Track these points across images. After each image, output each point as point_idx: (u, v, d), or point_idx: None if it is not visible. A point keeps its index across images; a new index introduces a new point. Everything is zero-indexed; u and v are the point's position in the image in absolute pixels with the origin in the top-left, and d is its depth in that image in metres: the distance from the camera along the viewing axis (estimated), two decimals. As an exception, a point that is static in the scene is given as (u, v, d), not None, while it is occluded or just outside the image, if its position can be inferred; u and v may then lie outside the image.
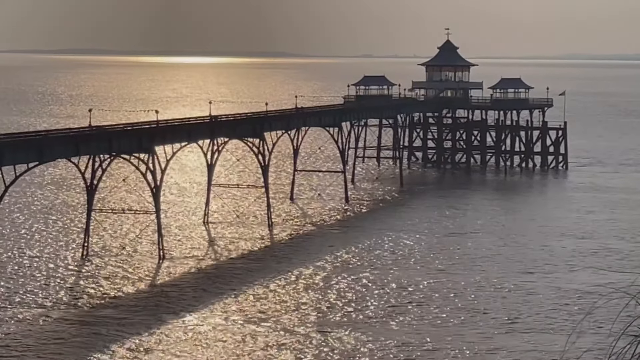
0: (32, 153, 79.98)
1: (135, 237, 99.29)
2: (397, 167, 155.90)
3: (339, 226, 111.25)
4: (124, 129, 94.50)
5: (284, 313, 72.88)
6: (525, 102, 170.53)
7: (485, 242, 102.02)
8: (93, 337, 65.87)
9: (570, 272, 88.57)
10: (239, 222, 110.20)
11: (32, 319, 69.95)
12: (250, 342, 65.61)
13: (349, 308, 74.51)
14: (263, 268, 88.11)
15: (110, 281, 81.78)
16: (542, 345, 65.76)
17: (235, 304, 75.31)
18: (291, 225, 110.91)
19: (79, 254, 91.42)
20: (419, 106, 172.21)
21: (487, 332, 69.02)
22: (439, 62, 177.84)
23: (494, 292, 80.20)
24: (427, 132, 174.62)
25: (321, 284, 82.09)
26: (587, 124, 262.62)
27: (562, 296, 79.10)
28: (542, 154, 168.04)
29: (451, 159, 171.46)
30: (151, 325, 68.85)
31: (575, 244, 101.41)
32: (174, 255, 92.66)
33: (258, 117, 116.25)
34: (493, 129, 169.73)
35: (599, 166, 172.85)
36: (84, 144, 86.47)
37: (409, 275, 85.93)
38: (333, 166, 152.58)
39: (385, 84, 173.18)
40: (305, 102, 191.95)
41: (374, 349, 64.68)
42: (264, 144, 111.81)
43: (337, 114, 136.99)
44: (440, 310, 74.24)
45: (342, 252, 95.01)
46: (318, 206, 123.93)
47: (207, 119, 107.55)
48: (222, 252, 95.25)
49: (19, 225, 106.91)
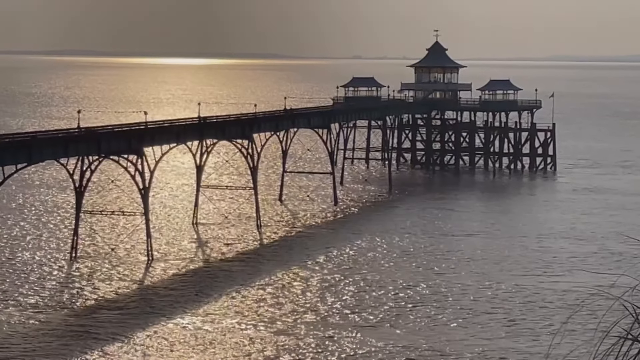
0: (20, 154, 80.00)
1: (124, 239, 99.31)
2: (386, 168, 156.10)
3: (328, 227, 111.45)
4: (112, 130, 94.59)
5: (273, 314, 73.02)
6: (514, 104, 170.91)
7: (475, 243, 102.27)
8: (81, 339, 65.91)
9: (558, 273, 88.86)
10: (228, 223, 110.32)
11: (20, 321, 69.95)
12: (239, 343, 65.73)
13: (341, 309, 74.63)
14: (252, 269, 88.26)
15: (99, 282, 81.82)
16: (529, 346, 66.03)
17: (225, 304, 75.43)
18: (280, 226, 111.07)
19: (68, 256, 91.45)
20: (407, 108, 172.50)
21: (477, 333, 69.26)
22: (427, 64, 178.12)
23: (486, 294, 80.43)
24: (416, 134, 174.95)
25: (310, 285, 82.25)
26: (576, 126, 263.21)
27: (550, 297, 79.39)
28: (530, 155, 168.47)
29: (440, 160, 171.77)
30: (140, 326, 68.92)
31: (565, 245, 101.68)
32: (163, 256, 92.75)
33: (247, 119, 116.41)
34: (482, 131, 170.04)
35: (588, 168, 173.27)
36: (72, 145, 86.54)
37: (400, 276, 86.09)
38: (322, 167, 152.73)
39: (374, 86, 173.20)
40: (295, 103, 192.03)
41: (367, 350, 64.84)
42: (253, 145, 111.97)
43: (326, 116, 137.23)
44: (433, 312, 74.43)
45: (332, 253, 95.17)
46: (307, 207, 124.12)
47: (196, 120, 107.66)
48: (211, 253, 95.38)
49: (8, 227, 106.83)
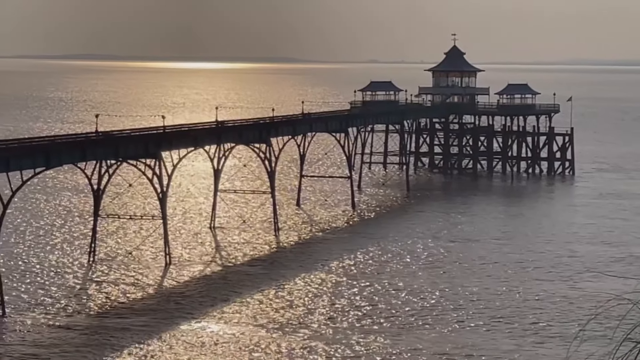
0: (39, 158, 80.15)
1: (142, 243, 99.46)
2: (403, 172, 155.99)
3: (346, 232, 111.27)
4: (130, 135, 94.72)
5: (290, 319, 72.93)
6: (532, 108, 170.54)
7: (498, 247, 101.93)
8: (100, 343, 65.96)
9: (585, 278, 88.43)
10: (245, 228, 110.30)
11: (38, 325, 70.07)
12: (257, 348, 65.65)
13: (358, 314, 74.48)
14: (269, 273, 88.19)
15: (117, 286, 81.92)
16: (557, 352, 65.74)
17: (242, 309, 75.37)
18: (298, 230, 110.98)
19: (86, 260, 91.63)
20: (425, 112, 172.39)
21: (503, 339, 69.03)
22: (445, 68, 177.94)
23: (513, 298, 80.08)
24: (434, 138, 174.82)
25: (328, 290, 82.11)
26: (595, 130, 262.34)
27: (571, 302, 79.02)
28: (548, 159, 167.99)
29: (458, 164, 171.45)
30: (157, 331, 68.94)
31: (591, 249, 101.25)
32: (180, 260, 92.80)
33: (264, 123, 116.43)
34: (500, 135, 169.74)
35: (607, 172, 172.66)
36: (90, 150, 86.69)
37: (422, 281, 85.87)
38: (340, 172, 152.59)
39: (392, 90, 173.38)
40: (313, 107, 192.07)
41: (391, 356, 64.67)
42: (271, 149, 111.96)
43: (344, 120, 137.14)
44: (457, 317, 74.17)
45: (349, 258, 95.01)
46: (325, 212, 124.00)
47: (214, 125, 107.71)
48: (229, 258, 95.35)
49: (26, 230, 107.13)
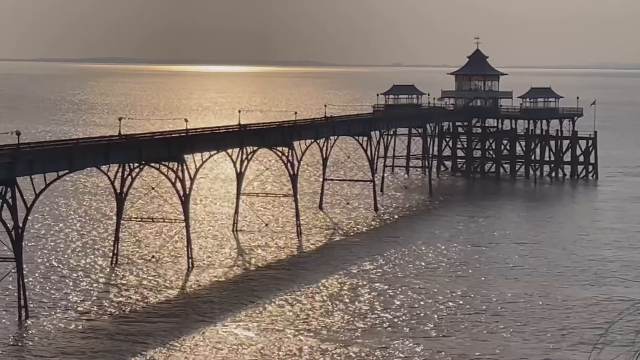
0: (62, 161, 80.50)
1: (165, 245, 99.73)
2: (426, 176, 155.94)
3: (368, 235, 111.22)
4: (153, 138, 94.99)
5: (313, 322, 72.96)
6: (555, 112, 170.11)
7: (523, 251, 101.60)
8: (122, 345, 66.19)
9: (615, 284, 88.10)
10: (268, 231, 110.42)
11: (62, 327, 70.39)
12: (280, 352, 65.73)
13: (379, 318, 74.48)
14: (292, 277, 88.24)
15: (140, 289, 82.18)
16: (584, 357, 65.52)
17: (265, 312, 75.46)
18: (320, 234, 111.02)
19: (109, 262, 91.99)
20: (448, 115, 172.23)
21: (532, 343, 68.89)
22: (468, 72, 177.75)
23: (538, 303, 79.86)
24: (457, 142, 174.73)
25: (350, 293, 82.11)
26: (618, 134, 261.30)
27: (607, 307, 78.68)
28: (572, 163, 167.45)
29: (480, 168, 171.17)
30: (180, 334, 69.13)
31: (611, 255, 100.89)
32: (203, 263, 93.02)
33: (287, 126, 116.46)
34: (523, 139, 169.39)
35: (631, 176, 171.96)
36: (113, 152, 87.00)
37: (448, 284, 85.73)
38: (362, 175, 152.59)
39: (415, 93, 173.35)
40: (335, 111, 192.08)
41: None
42: (293, 152, 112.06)
43: (367, 123, 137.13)
44: (484, 321, 74.05)
45: (371, 262, 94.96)
46: (347, 215, 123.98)
47: (237, 128, 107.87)
48: (251, 261, 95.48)
49: (49, 233, 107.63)
